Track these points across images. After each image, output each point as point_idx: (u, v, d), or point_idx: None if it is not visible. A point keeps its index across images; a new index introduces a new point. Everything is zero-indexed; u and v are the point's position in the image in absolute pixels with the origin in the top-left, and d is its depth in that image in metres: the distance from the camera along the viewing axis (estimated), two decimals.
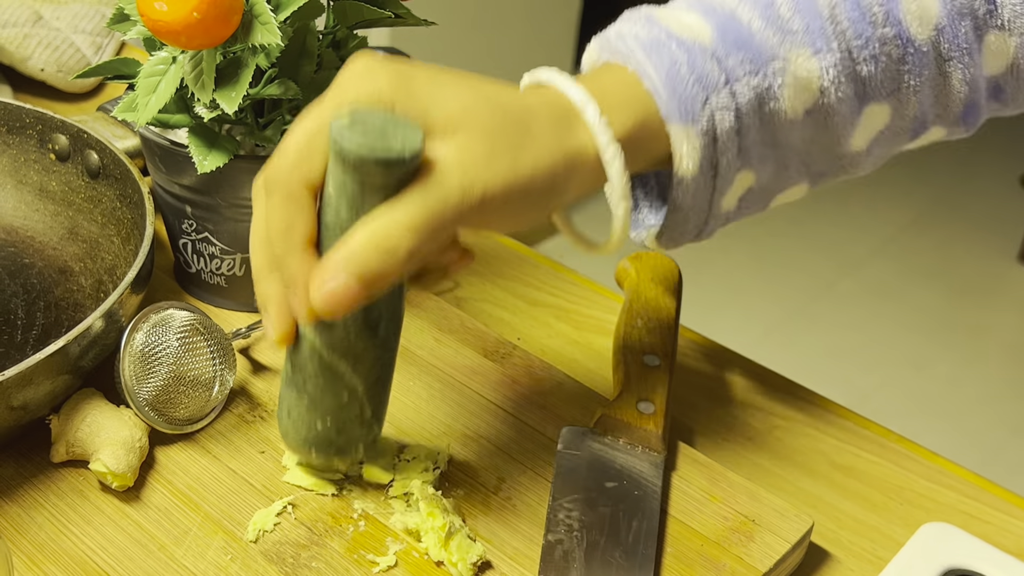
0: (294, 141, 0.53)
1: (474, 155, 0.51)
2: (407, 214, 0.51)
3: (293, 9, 0.63)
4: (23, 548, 0.59)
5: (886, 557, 0.64)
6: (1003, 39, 0.63)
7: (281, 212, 0.53)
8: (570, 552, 0.58)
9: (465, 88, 0.53)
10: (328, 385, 0.56)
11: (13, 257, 0.76)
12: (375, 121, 0.50)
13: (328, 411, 0.57)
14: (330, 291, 0.51)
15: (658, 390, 0.66)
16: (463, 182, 0.51)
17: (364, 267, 0.51)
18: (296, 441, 0.59)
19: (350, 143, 0.50)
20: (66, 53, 0.97)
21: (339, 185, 0.51)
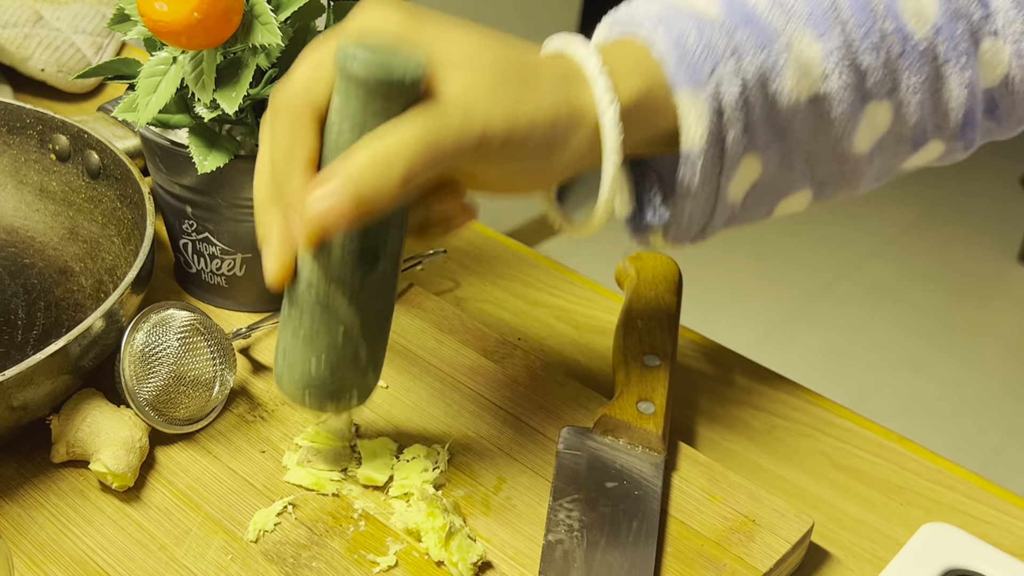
0: (302, 67, 0.53)
1: (477, 91, 0.52)
2: (406, 135, 0.51)
3: (293, 9, 0.63)
4: (24, 548, 0.59)
5: (886, 557, 0.64)
6: (997, 47, 0.63)
7: (285, 134, 0.53)
8: (570, 552, 0.58)
9: (474, 33, 0.54)
10: (323, 319, 0.56)
11: (13, 257, 0.76)
12: (380, 48, 0.51)
13: (323, 349, 0.56)
14: (324, 207, 0.51)
15: (658, 390, 0.66)
16: (464, 114, 0.51)
17: (359, 184, 0.50)
18: (289, 383, 0.58)
19: (353, 62, 0.50)
20: (66, 53, 0.97)
21: (341, 106, 0.52)
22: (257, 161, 0.55)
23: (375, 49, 0.51)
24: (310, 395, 0.58)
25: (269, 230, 0.54)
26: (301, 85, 0.53)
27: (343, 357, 0.57)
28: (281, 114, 0.53)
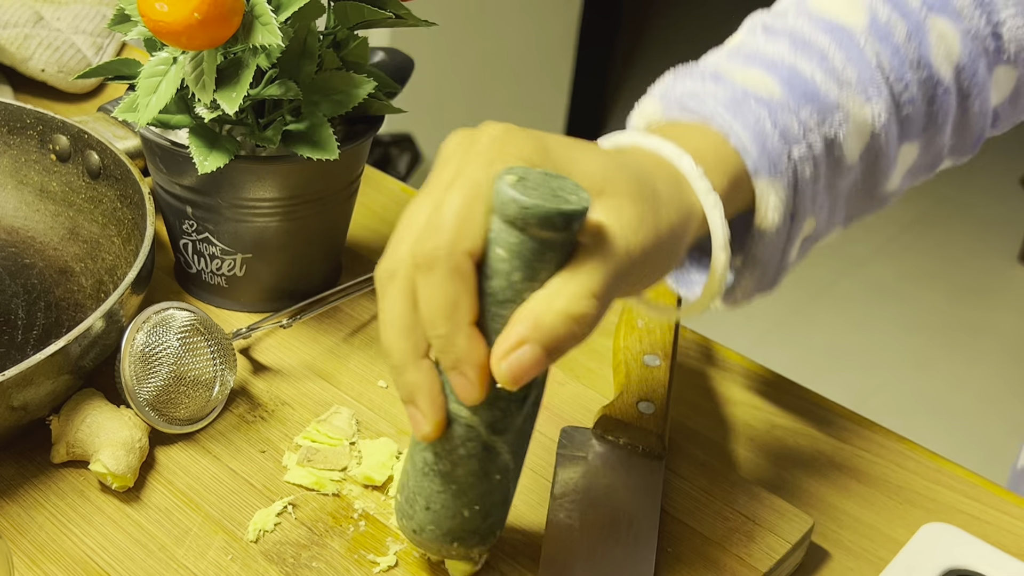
0: (453, 206, 0.49)
1: (627, 217, 0.50)
2: (591, 279, 0.49)
3: (294, 10, 0.63)
4: (24, 548, 0.59)
5: (886, 557, 0.64)
6: (1008, 72, 0.66)
7: (446, 288, 0.48)
8: (571, 553, 0.58)
9: (596, 152, 0.53)
10: (482, 467, 0.53)
11: (14, 257, 0.76)
12: (537, 179, 0.49)
13: (478, 496, 0.54)
14: (519, 362, 0.48)
15: (658, 390, 0.66)
16: (624, 243, 0.50)
17: (553, 336, 0.48)
18: (435, 536, 0.55)
19: (528, 200, 0.47)
20: (67, 54, 0.97)
21: (512, 248, 0.48)
22: (384, 319, 0.51)
23: (540, 187, 0.48)
24: (459, 545, 0.55)
25: (418, 389, 0.51)
26: (455, 228, 0.48)
27: (496, 499, 0.55)
28: (438, 266, 0.48)
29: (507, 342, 0.48)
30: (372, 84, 0.67)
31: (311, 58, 0.66)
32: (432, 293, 0.49)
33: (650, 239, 0.51)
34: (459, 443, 0.52)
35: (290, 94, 0.65)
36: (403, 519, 0.56)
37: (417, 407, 0.51)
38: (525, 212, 0.47)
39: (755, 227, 0.59)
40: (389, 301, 0.50)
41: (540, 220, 0.47)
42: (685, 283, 0.63)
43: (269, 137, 0.67)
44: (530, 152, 0.50)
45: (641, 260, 0.51)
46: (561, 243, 0.48)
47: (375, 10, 0.67)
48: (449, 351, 0.49)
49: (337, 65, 0.68)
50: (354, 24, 0.68)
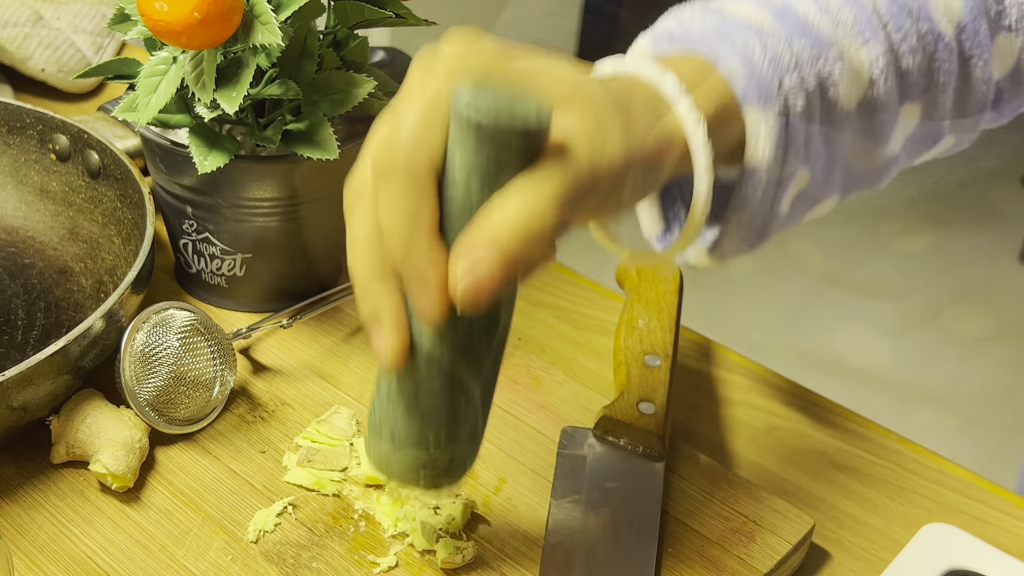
0: (411, 116, 0.47)
1: (593, 129, 0.49)
2: (549, 188, 0.47)
3: (294, 9, 0.63)
4: (23, 548, 0.59)
5: (887, 558, 0.64)
6: (1010, 41, 0.64)
7: (404, 197, 0.47)
8: (571, 553, 0.58)
9: (567, 65, 0.51)
10: (444, 392, 0.51)
11: (14, 257, 0.76)
12: (504, 93, 0.47)
13: (443, 423, 0.52)
14: (476, 277, 0.46)
15: (659, 390, 0.66)
16: (590, 154, 0.48)
17: (510, 249, 0.46)
18: (402, 466, 0.53)
19: (485, 110, 0.45)
20: (67, 53, 0.97)
21: (469, 160, 0.46)
22: (351, 233, 0.49)
23: (499, 95, 0.46)
24: (425, 475, 0.53)
25: (381, 308, 0.49)
26: (415, 134, 0.47)
27: (463, 428, 0.52)
28: (395, 173, 0.47)
29: (461, 258, 0.46)
30: (372, 84, 0.67)
31: (311, 58, 0.66)
32: (391, 203, 0.47)
33: (617, 156, 0.49)
34: (424, 370, 0.50)
35: (290, 94, 0.65)
36: (370, 448, 0.54)
37: (381, 327, 0.49)
38: (481, 119, 0.46)
39: (745, 163, 0.57)
40: (355, 220, 0.49)
41: (497, 127, 0.46)
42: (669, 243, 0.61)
43: (269, 137, 0.67)
44: (494, 60, 0.49)
45: (606, 176, 0.49)
46: (520, 151, 0.47)
47: (375, 10, 0.67)
48: (409, 261, 0.47)
49: (337, 65, 0.68)
50: (354, 23, 0.68)
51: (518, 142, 0.46)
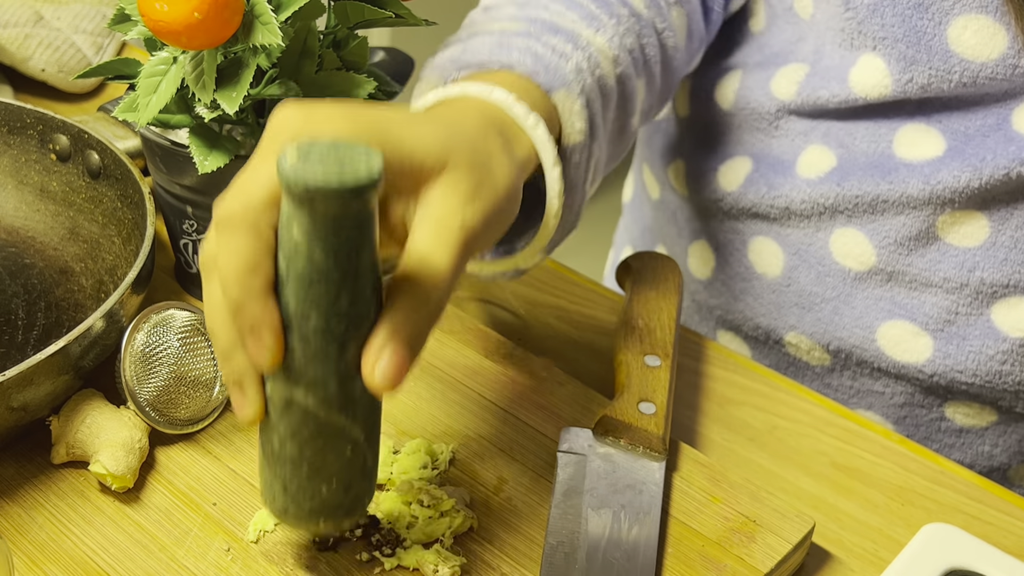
0: (250, 179, 0.49)
1: (464, 189, 0.52)
2: (438, 268, 0.50)
3: (294, 9, 0.63)
4: (24, 548, 0.59)
5: (887, 558, 0.64)
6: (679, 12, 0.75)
7: (240, 249, 0.48)
8: (571, 554, 0.58)
9: (434, 124, 0.54)
10: (329, 444, 0.52)
11: (14, 257, 0.76)
12: (323, 151, 0.47)
13: (333, 472, 0.52)
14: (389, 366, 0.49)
15: (659, 390, 0.66)
16: (465, 219, 0.51)
17: (414, 331, 0.49)
18: (299, 515, 0.54)
19: (309, 176, 0.46)
20: (67, 53, 0.97)
21: (305, 227, 0.47)
22: (209, 298, 0.50)
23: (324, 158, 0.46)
24: (325, 521, 0.54)
25: (243, 374, 0.51)
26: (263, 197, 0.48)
27: (353, 471, 0.53)
28: (239, 226, 0.48)
29: (370, 350, 0.49)
30: (372, 84, 0.67)
31: (311, 58, 0.66)
32: (228, 254, 0.48)
33: (489, 205, 0.53)
34: (299, 426, 0.51)
35: (290, 94, 0.65)
36: (266, 503, 0.55)
37: (243, 392, 0.51)
38: (307, 189, 0.46)
39: (564, 146, 0.62)
40: (211, 285, 0.50)
41: (324, 196, 0.46)
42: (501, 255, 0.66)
43: None
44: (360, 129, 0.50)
45: (482, 228, 0.52)
46: (356, 216, 0.47)
47: (375, 10, 0.67)
48: (243, 314, 0.49)
49: (337, 65, 0.68)
50: (354, 24, 0.68)
51: (352, 206, 0.47)
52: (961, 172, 0.73)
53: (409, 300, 0.49)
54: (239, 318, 0.49)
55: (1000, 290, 0.75)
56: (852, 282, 0.79)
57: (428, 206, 0.51)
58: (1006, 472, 0.83)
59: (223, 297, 0.49)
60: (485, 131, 0.56)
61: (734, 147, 0.84)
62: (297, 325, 0.49)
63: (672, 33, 0.73)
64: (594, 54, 0.65)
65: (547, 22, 0.65)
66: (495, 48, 0.63)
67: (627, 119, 0.69)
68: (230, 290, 0.49)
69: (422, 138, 0.52)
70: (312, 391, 0.50)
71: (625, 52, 0.68)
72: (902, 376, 0.80)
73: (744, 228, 0.84)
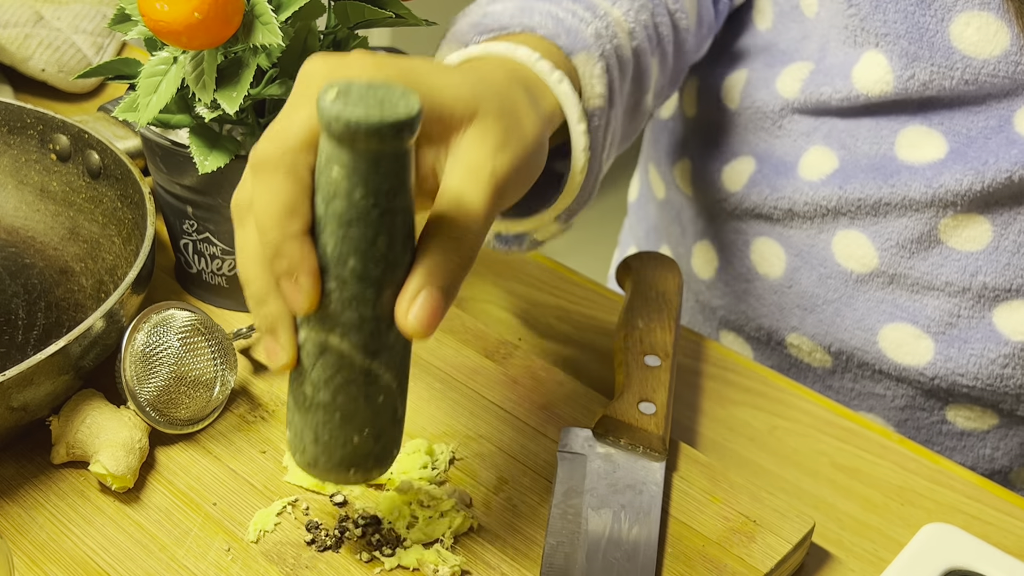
0: (286, 121, 0.49)
1: (495, 137, 0.52)
2: (471, 212, 0.50)
3: (294, 9, 0.63)
4: (24, 548, 0.59)
5: (887, 558, 0.64)
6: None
7: (277, 191, 0.48)
8: (571, 554, 0.58)
9: (463, 74, 0.54)
10: (362, 391, 0.51)
11: (14, 257, 0.76)
12: (361, 90, 0.47)
13: (365, 420, 0.52)
14: (424, 310, 0.49)
15: (659, 391, 0.66)
16: (496, 166, 0.52)
17: (449, 276, 0.49)
18: (329, 465, 0.53)
19: (350, 113, 0.46)
20: (67, 53, 0.97)
21: (346, 165, 0.47)
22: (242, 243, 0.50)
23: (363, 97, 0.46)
24: (356, 471, 0.53)
25: (277, 319, 0.50)
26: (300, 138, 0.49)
27: (384, 420, 0.53)
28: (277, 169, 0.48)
29: (405, 295, 0.49)
30: None
31: None
32: (265, 196, 0.48)
33: (518, 154, 0.53)
34: (334, 371, 0.51)
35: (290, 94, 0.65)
36: (296, 454, 0.54)
37: (276, 339, 0.51)
38: (348, 126, 0.46)
39: (584, 108, 0.62)
40: (242, 233, 0.50)
41: (366, 133, 0.46)
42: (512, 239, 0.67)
43: None
44: (392, 75, 0.50)
45: (513, 176, 0.53)
46: (394, 154, 0.47)
47: (375, 10, 0.67)
48: (281, 257, 0.48)
49: None
50: (354, 24, 0.68)
51: (391, 144, 0.47)
52: (963, 175, 0.73)
53: (443, 245, 0.50)
54: (276, 262, 0.49)
55: (1002, 294, 0.75)
56: (854, 284, 0.79)
57: (459, 153, 0.52)
58: (1007, 475, 0.83)
59: (259, 241, 0.49)
60: (511, 84, 0.56)
61: (739, 147, 0.84)
62: (334, 268, 0.49)
63: (684, 15, 0.73)
64: (611, 24, 0.65)
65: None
66: (516, 12, 0.63)
67: (641, 95, 0.70)
68: (268, 233, 0.48)
69: (452, 87, 0.52)
70: (347, 335, 0.50)
71: (640, 27, 0.68)
72: (903, 379, 0.80)
73: (747, 229, 0.84)
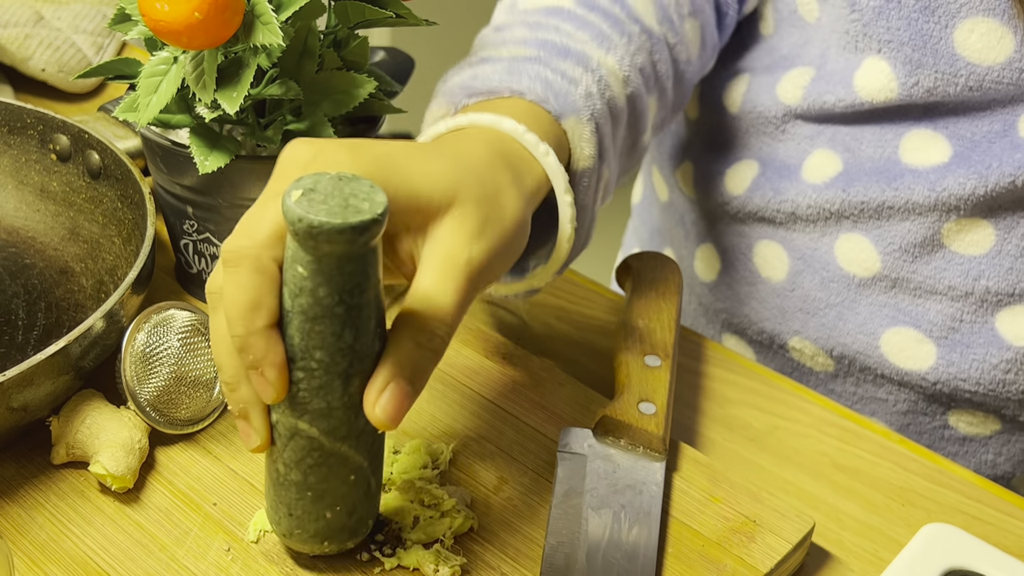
0: (258, 217, 0.50)
1: (471, 225, 0.53)
2: (443, 305, 0.51)
3: (294, 9, 0.63)
4: (24, 548, 0.59)
5: (887, 558, 0.64)
6: (693, 24, 0.75)
7: (246, 286, 0.49)
8: (571, 554, 0.58)
9: (442, 159, 0.54)
10: (333, 472, 0.53)
11: (14, 257, 0.76)
12: (328, 187, 0.47)
13: (337, 498, 0.54)
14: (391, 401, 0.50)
15: (659, 391, 0.66)
16: (471, 256, 0.52)
17: (416, 369, 0.50)
18: (304, 537, 0.55)
19: (312, 215, 0.46)
20: (67, 53, 0.97)
21: (309, 265, 0.48)
22: (216, 331, 0.51)
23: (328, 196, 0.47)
24: (330, 543, 0.56)
25: (250, 405, 0.52)
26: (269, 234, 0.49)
27: (357, 495, 0.55)
28: (244, 263, 0.49)
29: (373, 387, 0.50)
30: (373, 84, 0.67)
31: (312, 58, 0.66)
32: (234, 291, 0.49)
33: (497, 240, 0.53)
34: (304, 454, 0.52)
35: (291, 94, 0.65)
36: (272, 524, 0.57)
37: (249, 423, 0.52)
38: (311, 229, 0.46)
39: (574, 170, 0.62)
40: (217, 318, 0.51)
41: (328, 236, 0.46)
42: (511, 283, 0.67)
43: (270, 137, 0.67)
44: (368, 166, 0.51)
45: (488, 263, 0.53)
46: (360, 253, 0.48)
47: (376, 9, 0.67)
48: (247, 350, 0.50)
49: (338, 65, 0.68)
50: (355, 23, 0.68)
51: (354, 246, 0.47)
52: (967, 179, 0.73)
53: (413, 337, 0.50)
54: (244, 354, 0.50)
55: (1005, 299, 0.75)
56: (856, 288, 0.79)
57: (435, 243, 0.52)
58: (1010, 481, 0.83)
59: (228, 331, 0.50)
60: (493, 164, 0.56)
61: (741, 151, 0.84)
62: (301, 360, 0.50)
63: (684, 48, 0.73)
64: (604, 76, 0.65)
65: (558, 45, 0.65)
66: (505, 75, 0.63)
67: (638, 136, 0.70)
68: (234, 327, 0.49)
69: (430, 175, 0.52)
70: (316, 422, 0.51)
71: (636, 71, 0.68)
72: (905, 383, 0.80)
73: (750, 232, 0.84)
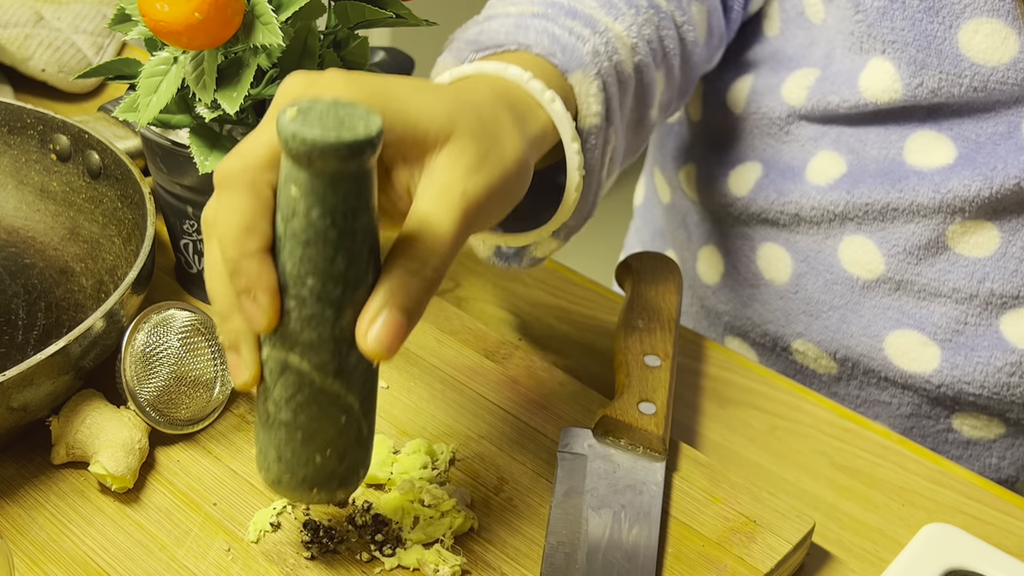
0: (252, 140, 0.49)
1: (469, 159, 0.52)
2: (439, 234, 0.50)
3: (294, 9, 0.63)
4: (24, 548, 0.59)
5: (887, 558, 0.64)
6: (700, 9, 0.74)
7: (238, 208, 0.48)
8: (572, 554, 0.58)
9: (441, 92, 0.54)
10: (323, 411, 0.51)
11: (14, 257, 0.76)
12: (323, 110, 0.47)
13: (327, 440, 0.52)
14: (384, 330, 0.48)
15: (659, 391, 0.66)
16: (468, 188, 0.51)
17: (411, 297, 0.49)
18: (293, 483, 0.53)
19: (307, 132, 0.46)
20: (67, 53, 0.97)
21: (303, 185, 0.47)
22: (210, 259, 0.50)
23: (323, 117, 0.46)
24: (319, 491, 0.54)
25: (240, 336, 0.50)
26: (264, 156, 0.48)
27: (348, 440, 0.53)
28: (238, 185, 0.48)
29: (365, 315, 0.49)
30: None
31: (312, 58, 0.66)
32: (225, 213, 0.48)
33: (495, 176, 0.52)
34: (295, 390, 0.51)
35: None
36: (261, 471, 0.55)
37: (239, 355, 0.51)
38: (304, 145, 0.46)
39: (580, 128, 0.62)
40: (210, 246, 0.50)
41: (322, 152, 0.46)
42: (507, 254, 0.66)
43: None
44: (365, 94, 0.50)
45: (486, 199, 0.52)
46: (353, 175, 0.47)
47: (376, 10, 0.67)
48: (239, 274, 0.48)
49: (338, 65, 0.68)
50: (354, 23, 0.68)
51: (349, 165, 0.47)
52: (971, 181, 0.73)
53: (408, 266, 0.49)
54: (235, 279, 0.49)
55: (1010, 301, 0.75)
56: (860, 290, 0.79)
57: (432, 174, 0.51)
58: (1014, 485, 0.83)
59: (221, 258, 0.49)
60: (494, 104, 0.56)
61: (745, 152, 0.84)
62: (293, 287, 0.49)
63: (692, 28, 0.73)
64: (612, 40, 0.65)
65: (565, 6, 0.65)
66: (512, 29, 0.62)
67: (645, 110, 0.69)
68: (227, 250, 0.48)
69: (427, 107, 0.52)
70: (307, 355, 0.50)
71: (644, 42, 0.67)
72: (909, 386, 0.80)
73: (753, 234, 0.84)
